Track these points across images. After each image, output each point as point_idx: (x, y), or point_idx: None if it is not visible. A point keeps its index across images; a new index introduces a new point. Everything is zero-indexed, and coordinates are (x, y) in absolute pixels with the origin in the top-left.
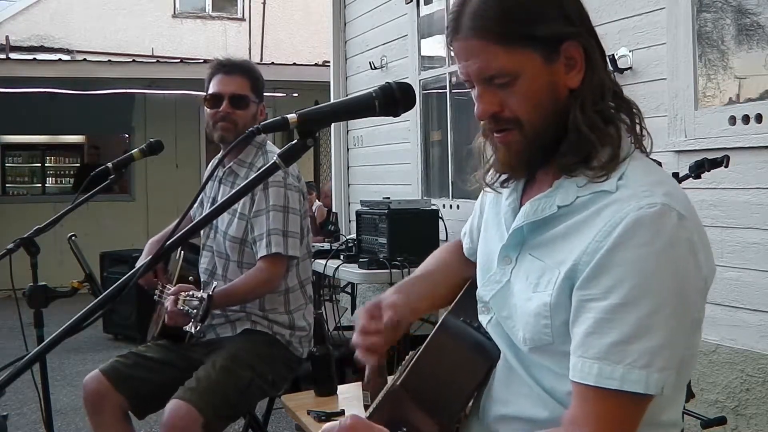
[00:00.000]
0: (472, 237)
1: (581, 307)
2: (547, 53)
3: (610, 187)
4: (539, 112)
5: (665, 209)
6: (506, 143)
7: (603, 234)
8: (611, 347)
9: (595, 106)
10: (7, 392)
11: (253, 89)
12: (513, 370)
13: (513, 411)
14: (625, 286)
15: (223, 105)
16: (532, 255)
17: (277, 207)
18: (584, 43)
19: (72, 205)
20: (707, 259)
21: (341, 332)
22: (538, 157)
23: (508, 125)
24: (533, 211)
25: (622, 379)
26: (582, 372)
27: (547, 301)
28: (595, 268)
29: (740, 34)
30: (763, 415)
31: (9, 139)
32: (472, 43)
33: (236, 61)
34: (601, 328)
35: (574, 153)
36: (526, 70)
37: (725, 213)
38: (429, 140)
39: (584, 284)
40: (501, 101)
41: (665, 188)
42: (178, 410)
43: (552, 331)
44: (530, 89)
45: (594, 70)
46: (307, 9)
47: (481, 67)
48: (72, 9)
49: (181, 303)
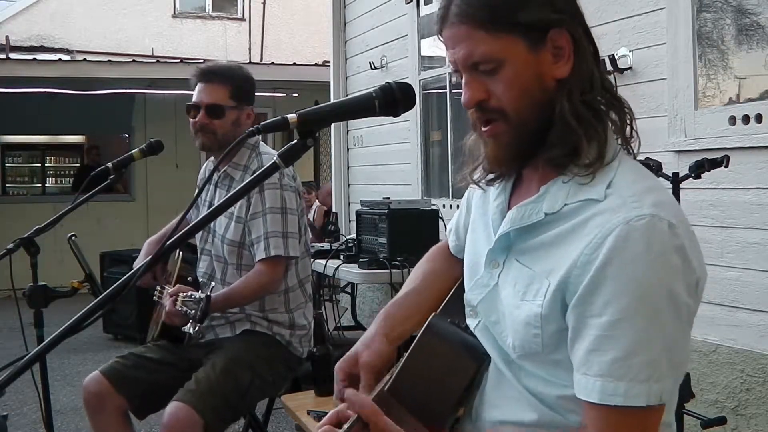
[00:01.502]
0: (458, 234)
1: (580, 325)
2: (532, 40)
3: (599, 196)
4: (525, 102)
5: (654, 221)
6: (493, 135)
7: (593, 247)
8: (612, 364)
9: (583, 96)
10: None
11: (233, 95)
12: (502, 375)
13: (503, 415)
14: (621, 301)
15: (199, 115)
16: (519, 261)
17: (275, 209)
18: (572, 31)
19: (72, 205)
20: (699, 262)
21: (341, 332)
22: (525, 149)
23: (494, 116)
24: (520, 217)
25: (626, 395)
26: (586, 389)
27: (537, 312)
28: (590, 284)
29: (740, 34)
30: (763, 415)
31: (9, 139)
32: (458, 29)
33: (216, 67)
34: (600, 345)
35: (561, 145)
36: (510, 56)
37: (725, 213)
38: (429, 140)
39: (581, 301)
40: (487, 89)
41: (653, 197)
42: (178, 412)
43: (542, 341)
44: (516, 77)
45: (582, 59)
46: (307, 9)
47: (466, 53)
48: (72, 9)
49: (179, 304)
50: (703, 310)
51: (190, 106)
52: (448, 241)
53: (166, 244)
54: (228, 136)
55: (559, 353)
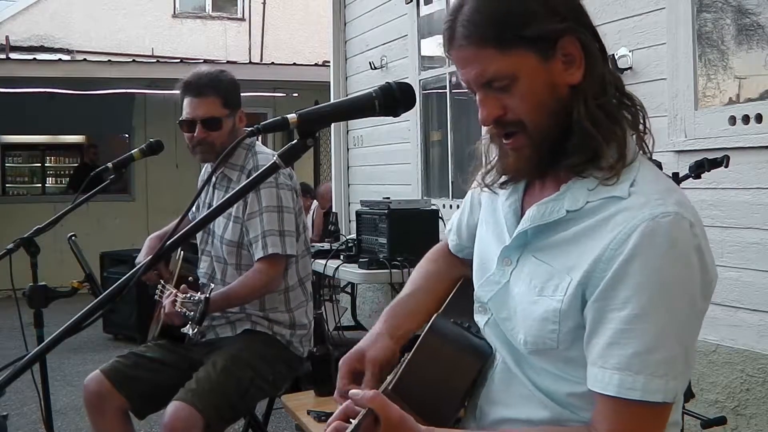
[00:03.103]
0: (460, 234)
1: (600, 318)
2: (541, 52)
3: (622, 193)
4: (542, 112)
5: (678, 218)
6: (516, 149)
7: (618, 242)
8: (632, 358)
9: (597, 100)
10: (7, 392)
11: (225, 104)
12: (511, 373)
13: (514, 413)
14: (643, 296)
15: (196, 130)
16: (536, 257)
17: (271, 208)
18: (580, 37)
19: (72, 205)
20: (712, 264)
21: (341, 332)
22: (547, 159)
23: (513, 128)
24: (541, 215)
25: (644, 389)
26: (602, 382)
27: (557, 307)
28: (613, 278)
29: (740, 34)
30: (763, 415)
31: (9, 139)
32: (467, 51)
33: (203, 79)
34: (620, 339)
35: (581, 151)
36: (522, 71)
37: (725, 213)
38: (429, 140)
39: (602, 295)
40: (503, 105)
41: (676, 196)
42: (178, 412)
43: (558, 336)
44: (530, 90)
45: (593, 63)
46: (307, 9)
47: (477, 73)
48: (72, 9)
49: (179, 305)
50: None
51: (184, 122)
52: (447, 240)
53: (166, 244)
54: (226, 144)
55: (574, 350)
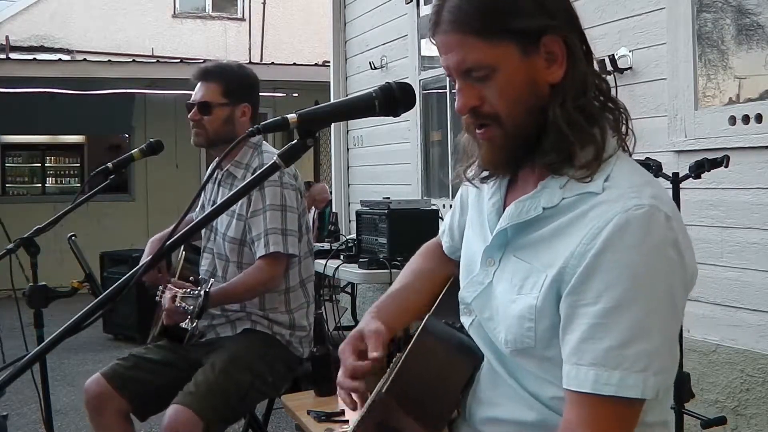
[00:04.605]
0: (452, 235)
1: (573, 314)
2: (524, 47)
3: (596, 189)
4: (518, 107)
5: (653, 210)
6: (488, 139)
7: (590, 236)
8: (607, 352)
9: (576, 102)
10: (7, 392)
11: (225, 93)
12: (496, 373)
13: (501, 413)
14: (617, 289)
15: (192, 112)
16: (516, 257)
17: (275, 206)
18: (565, 37)
19: (72, 205)
20: (691, 259)
21: (341, 332)
22: (520, 154)
23: (488, 120)
24: (518, 213)
25: (619, 384)
26: (577, 380)
27: (532, 303)
28: (585, 272)
29: (740, 34)
30: (763, 415)
31: (9, 139)
32: (451, 37)
33: (212, 66)
34: (595, 334)
35: (556, 152)
36: (503, 63)
37: (725, 213)
38: (429, 140)
39: (574, 290)
40: (480, 95)
41: (651, 189)
42: (177, 415)
43: (535, 335)
44: (508, 83)
45: (575, 64)
46: (307, 9)
47: (458, 60)
48: (72, 9)
49: (178, 300)
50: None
51: (187, 104)
52: (441, 241)
53: (167, 243)
54: (219, 132)
55: (552, 350)
